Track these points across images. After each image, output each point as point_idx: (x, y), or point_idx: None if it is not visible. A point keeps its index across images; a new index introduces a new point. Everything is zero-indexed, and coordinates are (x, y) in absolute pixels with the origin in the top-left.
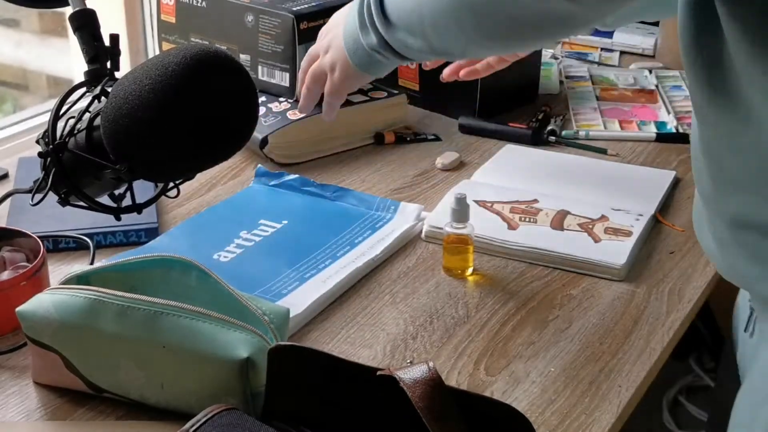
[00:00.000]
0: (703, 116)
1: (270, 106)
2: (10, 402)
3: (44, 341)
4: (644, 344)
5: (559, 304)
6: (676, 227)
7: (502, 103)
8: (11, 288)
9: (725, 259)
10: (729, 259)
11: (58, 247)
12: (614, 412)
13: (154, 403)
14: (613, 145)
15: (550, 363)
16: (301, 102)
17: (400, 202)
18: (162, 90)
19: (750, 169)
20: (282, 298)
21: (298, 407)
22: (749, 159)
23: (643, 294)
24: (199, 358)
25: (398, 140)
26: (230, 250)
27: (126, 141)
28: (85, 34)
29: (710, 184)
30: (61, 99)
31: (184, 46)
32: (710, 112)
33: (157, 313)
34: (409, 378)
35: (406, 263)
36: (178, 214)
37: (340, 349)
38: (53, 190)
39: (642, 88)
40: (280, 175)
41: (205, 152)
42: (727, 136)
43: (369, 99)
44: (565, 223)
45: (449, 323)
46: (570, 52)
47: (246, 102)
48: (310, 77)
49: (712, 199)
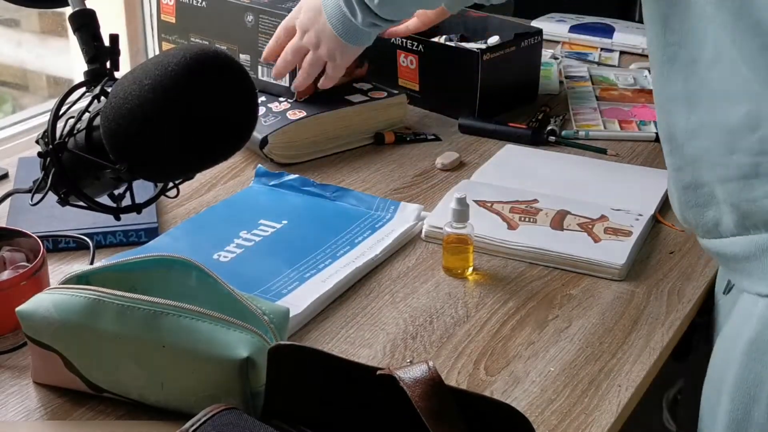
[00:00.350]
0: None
1: (270, 106)
2: (10, 402)
3: (44, 341)
4: (644, 344)
5: (559, 304)
6: (676, 227)
7: (502, 103)
8: (11, 288)
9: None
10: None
11: (58, 247)
12: (614, 412)
13: (153, 402)
14: (613, 145)
15: (550, 363)
16: (276, 70)
17: (399, 202)
18: (162, 90)
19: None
20: (282, 297)
21: (298, 407)
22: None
23: (643, 294)
24: (198, 358)
25: (398, 140)
26: (230, 250)
27: (125, 141)
28: (85, 34)
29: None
30: (61, 99)
31: (184, 46)
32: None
33: (157, 312)
34: (409, 377)
35: (406, 263)
36: (178, 214)
37: (340, 349)
38: (53, 190)
39: (642, 88)
40: (280, 175)
41: (205, 152)
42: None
43: (369, 99)
44: (564, 223)
45: (449, 323)
46: (570, 52)
47: (246, 102)
48: (307, 66)
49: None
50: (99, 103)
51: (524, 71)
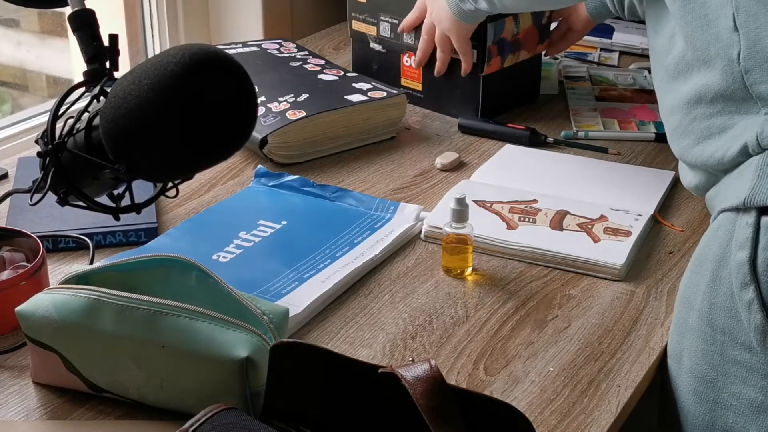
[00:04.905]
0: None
1: (270, 106)
2: (10, 401)
3: (44, 341)
4: (643, 344)
5: (558, 304)
6: (676, 227)
7: (503, 104)
8: (11, 288)
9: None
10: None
11: (58, 247)
12: (613, 412)
13: (153, 402)
14: (613, 145)
15: (549, 363)
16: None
17: (399, 203)
18: (161, 90)
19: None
20: (281, 298)
21: (298, 405)
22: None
23: (642, 294)
24: (198, 358)
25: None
26: (229, 251)
27: (125, 141)
28: (84, 34)
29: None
30: (60, 99)
31: (183, 46)
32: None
33: (156, 312)
34: (411, 375)
35: (406, 263)
36: (178, 214)
37: (340, 349)
38: (52, 190)
39: (641, 88)
40: (279, 176)
41: (204, 152)
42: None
43: (369, 99)
44: (564, 223)
45: (448, 323)
46: (569, 52)
47: (245, 102)
48: (439, 45)
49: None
50: (98, 103)
51: (525, 71)
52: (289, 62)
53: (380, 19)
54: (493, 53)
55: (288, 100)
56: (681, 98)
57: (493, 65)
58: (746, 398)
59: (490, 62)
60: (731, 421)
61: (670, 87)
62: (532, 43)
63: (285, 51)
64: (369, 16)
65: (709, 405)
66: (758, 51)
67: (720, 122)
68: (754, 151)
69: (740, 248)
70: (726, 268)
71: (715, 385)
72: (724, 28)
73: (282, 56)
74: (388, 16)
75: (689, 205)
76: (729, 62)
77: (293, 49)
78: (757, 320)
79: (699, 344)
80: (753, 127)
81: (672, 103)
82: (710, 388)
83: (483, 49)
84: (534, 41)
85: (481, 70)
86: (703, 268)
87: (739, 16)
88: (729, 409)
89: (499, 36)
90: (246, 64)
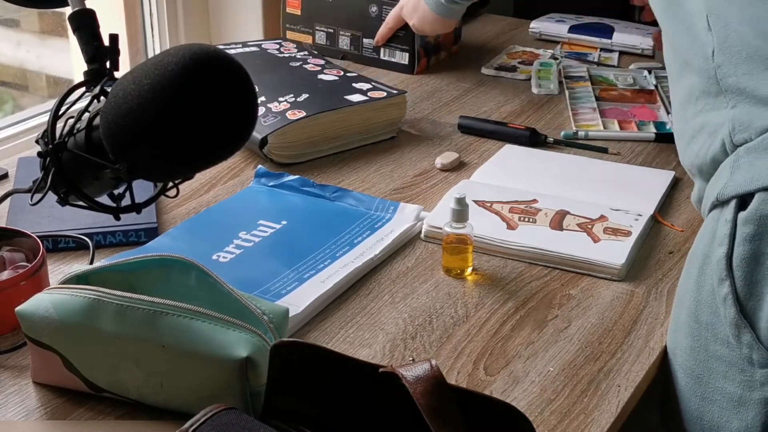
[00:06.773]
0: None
1: (270, 106)
2: (10, 401)
3: (44, 341)
4: (643, 344)
5: (558, 303)
6: (675, 227)
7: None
8: (11, 288)
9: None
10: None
11: (58, 247)
12: (613, 412)
13: (153, 402)
14: (612, 146)
15: (549, 363)
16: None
17: (399, 203)
18: (161, 89)
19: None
20: (281, 298)
21: (298, 405)
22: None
23: (642, 294)
24: (198, 358)
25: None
26: (229, 251)
27: (125, 141)
28: (85, 34)
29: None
30: (61, 99)
31: (184, 46)
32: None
33: (156, 312)
34: (411, 375)
35: (406, 263)
36: (178, 214)
37: (340, 349)
38: (52, 189)
39: (641, 88)
40: (279, 176)
41: (205, 152)
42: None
43: (369, 99)
44: (564, 223)
45: (448, 323)
46: (569, 52)
47: (245, 101)
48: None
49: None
50: (99, 102)
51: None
52: (289, 62)
53: (315, 29)
54: (421, 54)
55: (288, 100)
56: (678, 101)
57: (422, 65)
58: (727, 393)
59: (419, 63)
60: (717, 416)
61: (672, 92)
62: (449, 44)
63: (285, 51)
64: (303, 27)
65: (698, 400)
66: (727, 47)
67: (701, 120)
68: (729, 150)
69: (719, 244)
70: (710, 264)
71: (701, 380)
72: (701, 29)
73: (282, 56)
74: (324, 27)
75: (689, 205)
76: (705, 60)
77: (293, 49)
78: (730, 314)
79: (688, 341)
80: (725, 123)
81: (675, 107)
82: (697, 383)
83: (413, 52)
84: (450, 43)
85: (412, 71)
86: (691, 266)
87: (711, 17)
88: (714, 404)
89: (424, 40)
90: (246, 64)
